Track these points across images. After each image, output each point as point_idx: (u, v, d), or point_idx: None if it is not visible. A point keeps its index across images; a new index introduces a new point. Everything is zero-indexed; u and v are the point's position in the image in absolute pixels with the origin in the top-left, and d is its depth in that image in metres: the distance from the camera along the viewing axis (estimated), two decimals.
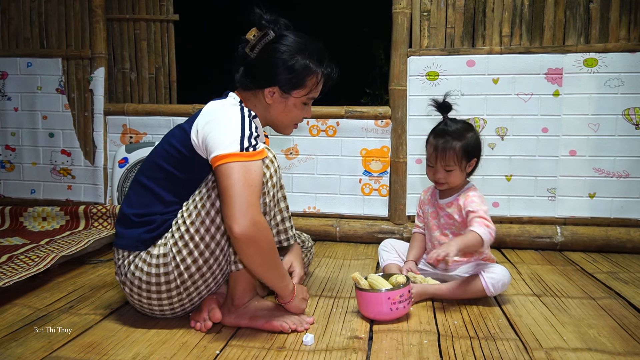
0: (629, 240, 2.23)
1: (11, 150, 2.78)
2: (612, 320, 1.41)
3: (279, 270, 1.29)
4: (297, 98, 1.40)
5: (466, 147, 1.59)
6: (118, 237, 1.37)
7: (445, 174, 1.61)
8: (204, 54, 3.86)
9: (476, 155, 1.63)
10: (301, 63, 1.35)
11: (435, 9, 2.40)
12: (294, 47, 1.35)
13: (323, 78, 1.42)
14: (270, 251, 1.23)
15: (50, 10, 2.69)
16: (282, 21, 1.37)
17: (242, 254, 1.21)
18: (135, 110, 2.65)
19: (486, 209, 1.57)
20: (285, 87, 1.36)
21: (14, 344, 1.24)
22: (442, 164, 1.60)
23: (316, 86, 1.41)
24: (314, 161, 2.53)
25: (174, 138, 1.35)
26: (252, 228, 1.14)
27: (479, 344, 1.25)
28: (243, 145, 1.20)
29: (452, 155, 1.58)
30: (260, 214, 1.18)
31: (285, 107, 1.40)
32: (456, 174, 1.61)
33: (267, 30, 1.34)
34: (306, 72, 1.37)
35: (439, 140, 1.60)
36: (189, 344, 1.25)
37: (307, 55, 1.36)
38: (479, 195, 1.61)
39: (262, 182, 1.23)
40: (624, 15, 2.27)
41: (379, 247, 1.84)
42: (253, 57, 1.36)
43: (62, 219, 2.45)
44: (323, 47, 1.42)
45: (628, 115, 2.27)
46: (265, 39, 1.35)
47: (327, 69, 1.41)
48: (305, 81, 1.38)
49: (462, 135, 1.59)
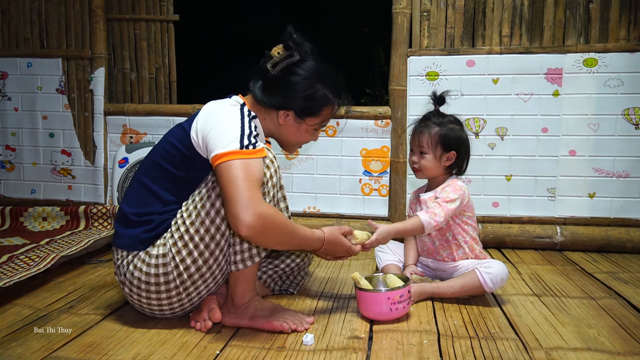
0: (629, 240, 2.23)
1: (11, 151, 2.78)
2: (612, 320, 1.42)
3: (297, 239, 1.28)
4: (310, 125, 1.42)
5: (444, 135, 1.60)
6: (117, 236, 1.37)
7: (419, 156, 1.63)
8: (204, 54, 3.86)
9: (455, 149, 1.61)
10: (321, 93, 1.38)
11: (435, 9, 2.40)
12: (315, 75, 1.37)
13: (337, 108, 1.45)
14: (284, 231, 1.22)
15: (50, 10, 2.69)
16: (307, 45, 1.39)
17: (256, 244, 1.25)
18: (135, 110, 2.65)
19: (453, 199, 1.55)
20: (300, 113, 1.39)
21: (14, 344, 1.24)
22: (417, 145, 1.63)
23: (329, 116, 1.45)
24: (313, 161, 2.54)
25: (174, 137, 1.35)
26: (257, 221, 1.13)
27: (479, 343, 1.25)
28: (243, 143, 1.20)
29: (427, 138, 1.61)
30: (262, 204, 1.16)
31: (297, 131, 1.43)
32: (429, 159, 1.61)
33: (293, 52, 1.36)
34: (323, 103, 1.39)
35: (419, 125, 1.65)
36: (189, 344, 1.25)
37: (327, 86, 1.39)
38: (453, 186, 1.59)
39: (262, 179, 1.23)
40: (623, 15, 2.27)
41: (375, 249, 1.84)
42: (273, 74, 1.36)
43: (62, 219, 2.45)
44: (341, 78, 1.44)
45: (628, 115, 2.27)
46: (289, 60, 1.36)
47: (344, 102, 1.45)
48: (321, 110, 1.41)
49: (443, 124, 1.62)
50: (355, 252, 1.45)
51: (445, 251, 1.64)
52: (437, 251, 1.66)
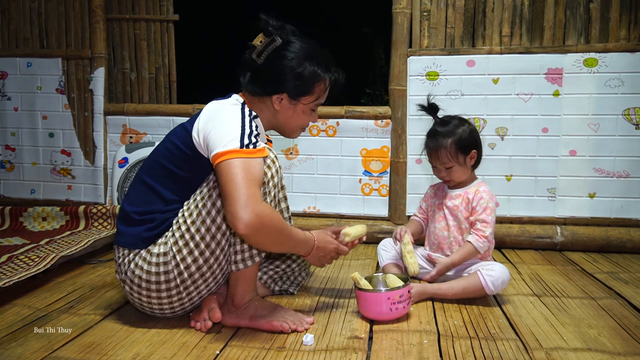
0: (629, 240, 2.23)
1: (11, 150, 2.78)
2: (612, 320, 1.41)
3: (292, 242, 1.30)
4: (306, 104, 1.41)
5: (459, 142, 1.62)
6: (119, 234, 1.37)
7: (446, 171, 1.65)
8: (204, 54, 3.86)
9: (474, 147, 1.65)
10: (309, 70, 1.36)
11: (435, 9, 2.40)
12: (301, 54, 1.36)
13: (330, 84, 1.44)
14: (280, 232, 1.22)
15: (50, 10, 2.69)
16: (288, 27, 1.38)
17: (252, 244, 1.24)
18: (135, 110, 2.65)
19: (493, 208, 1.61)
20: (293, 94, 1.38)
21: (14, 344, 1.24)
22: (439, 162, 1.65)
23: (324, 92, 1.44)
24: (314, 161, 2.53)
25: (176, 136, 1.35)
26: (254, 219, 1.13)
27: (479, 344, 1.25)
28: (243, 142, 1.20)
29: (446, 153, 1.62)
30: (261, 203, 1.16)
31: (293, 113, 1.42)
32: (457, 169, 1.64)
33: (274, 36, 1.35)
34: (314, 79, 1.38)
35: (431, 142, 1.67)
36: (189, 344, 1.25)
37: (314, 62, 1.37)
38: (489, 192, 1.64)
39: (262, 178, 1.22)
40: (624, 15, 2.27)
41: (378, 247, 1.84)
42: (260, 63, 1.36)
43: (62, 219, 2.45)
44: (329, 53, 1.43)
45: (628, 115, 2.27)
46: (272, 46, 1.35)
47: (334, 75, 1.43)
48: (313, 88, 1.39)
49: (452, 132, 1.63)
50: (344, 252, 1.46)
51: (457, 247, 1.65)
52: (450, 247, 1.66)
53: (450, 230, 1.67)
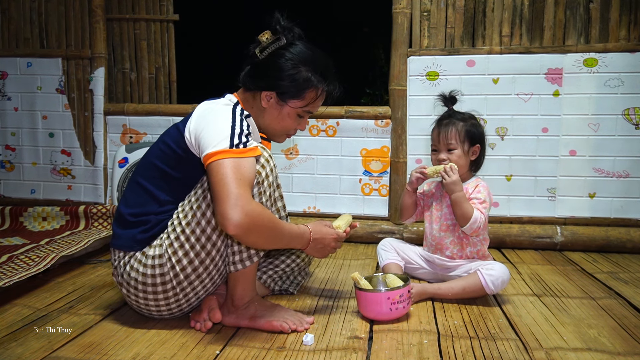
0: (629, 240, 2.23)
1: (11, 150, 2.78)
2: (612, 320, 1.41)
3: (287, 238, 1.29)
4: (293, 108, 1.39)
5: (469, 130, 1.64)
6: (114, 237, 1.37)
7: (447, 154, 1.64)
8: (204, 54, 3.86)
9: (480, 142, 1.66)
10: (303, 75, 1.36)
11: (435, 9, 2.40)
12: (300, 57, 1.36)
13: (323, 94, 1.42)
14: (272, 230, 1.21)
15: (50, 10, 2.69)
16: (296, 30, 1.38)
17: (244, 243, 1.23)
18: (135, 110, 2.65)
19: (486, 205, 1.60)
20: (282, 94, 1.37)
21: (14, 344, 1.24)
22: (445, 142, 1.64)
23: (314, 101, 1.41)
24: (314, 161, 2.53)
25: (169, 137, 1.35)
26: (244, 219, 1.12)
27: (479, 344, 1.25)
28: (233, 142, 1.19)
29: (455, 133, 1.63)
30: (251, 202, 1.15)
31: (279, 114, 1.40)
32: (457, 154, 1.63)
33: (280, 35, 1.35)
34: (306, 85, 1.37)
35: (443, 121, 1.67)
36: (189, 344, 1.25)
37: (311, 69, 1.36)
38: (487, 188, 1.65)
39: (254, 178, 1.22)
40: (624, 15, 2.27)
41: (378, 246, 1.84)
42: (260, 58, 1.36)
43: (62, 219, 2.45)
44: (330, 64, 1.42)
45: (628, 115, 2.27)
46: (276, 44, 1.36)
47: (328, 86, 1.41)
48: (304, 93, 1.38)
49: (466, 119, 1.66)
50: (342, 236, 1.45)
51: (455, 247, 1.65)
52: (447, 247, 1.66)
53: (449, 230, 1.67)
